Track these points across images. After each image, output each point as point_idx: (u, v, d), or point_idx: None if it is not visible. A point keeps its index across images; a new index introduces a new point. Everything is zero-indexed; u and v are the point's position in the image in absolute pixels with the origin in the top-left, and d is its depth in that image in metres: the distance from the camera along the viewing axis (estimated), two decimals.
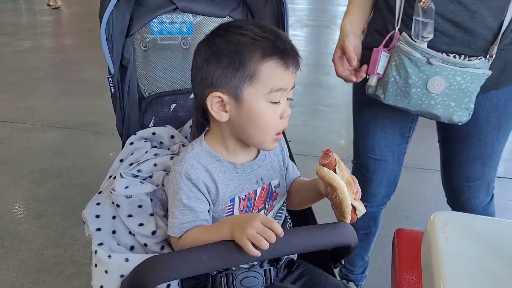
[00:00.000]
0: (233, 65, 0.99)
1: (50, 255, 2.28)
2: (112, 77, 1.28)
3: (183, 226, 1.05)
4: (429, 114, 1.38)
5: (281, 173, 1.20)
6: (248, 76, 0.99)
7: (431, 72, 1.31)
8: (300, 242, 1.02)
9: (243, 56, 0.99)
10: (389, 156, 1.63)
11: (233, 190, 1.09)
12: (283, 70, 1.01)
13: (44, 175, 3.05)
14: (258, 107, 1.02)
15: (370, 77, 1.40)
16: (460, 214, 0.84)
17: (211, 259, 0.96)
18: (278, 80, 1.01)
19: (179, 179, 1.05)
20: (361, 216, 1.08)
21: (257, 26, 1.03)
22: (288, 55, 1.01)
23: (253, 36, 1.00)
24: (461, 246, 0.77)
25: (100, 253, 1.07)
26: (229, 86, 1.01)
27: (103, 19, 1.20)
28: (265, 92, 1.00)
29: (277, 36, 1.02)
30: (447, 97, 1.34)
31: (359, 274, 1.99)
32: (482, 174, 1.56)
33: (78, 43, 6.75)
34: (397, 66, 1.34)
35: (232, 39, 1.01)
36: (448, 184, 1.67)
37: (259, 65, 0.99)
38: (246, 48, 0.99)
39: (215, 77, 1.01)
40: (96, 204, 1.17)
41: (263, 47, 0.99)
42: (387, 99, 1.38)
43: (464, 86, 1.32)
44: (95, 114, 3.97)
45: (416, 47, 1.32)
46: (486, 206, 1.67)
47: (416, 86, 1.33)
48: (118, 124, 1.36)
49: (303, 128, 3.72)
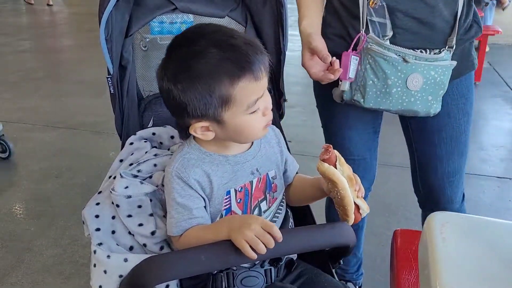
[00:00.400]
0: (205, 98, 0.98)
1: (50, 255, 2.28)
2: (111, 77, 1.29)
3: (180, 224, 1.05)
4: (409, 111, 1.40)
5: (277, 165, 1.20)
6: (223, 103, 0.99)
7: (408, 70, 1.33)
8: (299, 242, 1.02)
9: (211, 88, 0.97)
10: (366, 155, 1.64)
11: (227, 182, 1.10)
12: (254, 83, 0.99)
13: (44, 175, 3.05)
14: (242, 122, 1.02)
15: (342, 83, 1.37)
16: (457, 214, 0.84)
17: (209, 260, 0.96)
18: (252, 95, 1.00)
19: (171, 179, 1.06)
20: (365, 215, 1.08)
21: (214, 45, 0.97)
22: (254, 66, 0.98)
23: (214, 62, 0.97)
24: (458, 246, 0.78)
25: (99, 253, 1.08)
26: (207, 115, 1.00)
27: (102, 20, 1.20)
28: (243, 109, 1.01)
29: (236, 50, 0.98)
30: (425, 92, 1.37)
31: (354, 272, 1.99)
32: (460, 166, 1.58)
33: (78, 43, 6.76)
34: (373, 69, 1.34)
35: (195, 71, 0.97)
36: (425, 186, 1.64)
37: (230, 90, 0.97)
38: (212, 79, 0.97)
39: (190, 110, 0.99)
40: (95, 204, 1.17)
41: (227, 72, 0.97)
42: (367, 102, 1.37)
43: (438, 79, 1.36)
44: (95, 114, 3.97)
45: (388, 47, 1.33)
46: (462, 203, 1.67)
47: (396, 86, 1.34)
48: (117, 124, 1.36)
49: (302, 128, 3.72)
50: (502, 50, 6.34)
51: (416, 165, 1.63)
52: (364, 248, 2.28)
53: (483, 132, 3.94)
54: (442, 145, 1.54)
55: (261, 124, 1.06)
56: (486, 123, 4.08)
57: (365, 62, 1.34)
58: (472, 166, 3.23)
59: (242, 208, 1.12)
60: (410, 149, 1.65)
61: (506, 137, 3.88)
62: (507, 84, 5.02)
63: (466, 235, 0.80)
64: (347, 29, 1.41)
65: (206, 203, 1.09)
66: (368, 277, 2.13)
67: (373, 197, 1.96)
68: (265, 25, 1.42)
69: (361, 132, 1.59)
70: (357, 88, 1.37)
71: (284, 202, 1.23)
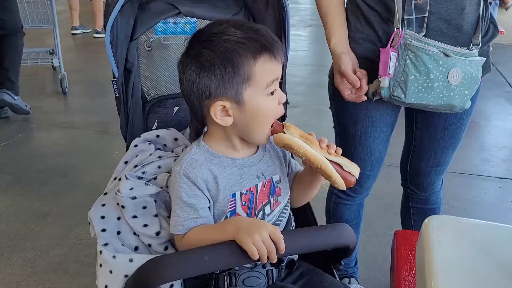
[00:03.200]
0: (228, 74, 1.03)
1: (55, 254, 2.31)
2: (116, 80, 1.31)
3: (185, 223, 1.08)
4: (447, 106, 1.43)
5: (282, 169, 1.22)
6: (245, 80, 1.04)
7: (450, 65, 1.36)
8: (300, 244, 1.05)
9: (234, 62, 1.03)
10: (383, 153, 1.69)
11: (234, 185, 1.12)
12: (274, 63, 1.07)
13: (49, 174, 3.08)
14: (259, 104, 1.07)
15: (382, 79, 1.39)
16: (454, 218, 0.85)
17: (212, 260, 0.98)
18: (271, 74, 1.07)
19: (178, 178, 1.09)
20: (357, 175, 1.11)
21: (236, 27, 1.06)
22: (273, 47, 1.06)
23: (237, 40, 1.04)
24: (455, 250, 0.79)
25: (105, 254, 1.10)
26: (229, 94, 1.05)
27: (108, 25, 1.22)
28: (262, 88, 1.06)
29: (258, 33, 1.07)
30: (463, 87, 1.40)
31: (353, 266, 2.03)
32: (450, 159, 1.69)
33: (82, 42, 6.79)
34: (414, 64, 1.35)
35: (218, 48, 1.04)
36: (413, 169, 1.75)
37: (252, 66, 1.04)
38: (235, 54, 1.03)
39: (213, 89, 1.05)
40: (101, 205, 1.19)
41: (250, 48, 1.04)
42: (409, 97, 1.39)
43: (474, 74, 1.41)
44: (100, 114, 3.99)
45: (428, 42, 1.35)
46: (441, 188, 1.81)
47: (438, 80, 1.37)
48: (122, 126, 1.39)
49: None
50: (505, 50, 6.32)
51: (411, 152, 1.73)
52: (366, 248, 2.30)
53: (485, 132, 3.94)
54: (441, 140, 1.62)
55: (274, 112, 1.10)
56: (488, 123, 4.08)
57: (404, 57, 1.36)
58: (474, 167, 3.24)
59: (247, 211, 1.14)
60: (408, 136, 1.73)
61: (509, 138, 3.88)
62: (509, 85, 5.02)
63: (463, 239, 0.82)
64: (378, 33, 1.44)
65: (210, 204, 1.11)
66: (370, 277, 2.14)
67: (375, 197, 1.99)
68: None
69: (383, 133, 1.62)
70: (397, 84, 1.39)
71: (289, 206, 1.24)
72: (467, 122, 1.62)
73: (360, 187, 1.75)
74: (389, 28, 1.41)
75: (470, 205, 2.79)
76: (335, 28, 1.48)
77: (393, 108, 1.56)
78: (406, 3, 1.35)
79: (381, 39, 1.43)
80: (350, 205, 1.84)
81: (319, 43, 7.04)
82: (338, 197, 1.83)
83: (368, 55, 1.44)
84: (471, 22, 1.41)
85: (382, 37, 1.42)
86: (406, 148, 1.77)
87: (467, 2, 1.38)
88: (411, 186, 1.81)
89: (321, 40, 1.54)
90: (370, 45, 1.45)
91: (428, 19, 1.37)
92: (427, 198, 1.80)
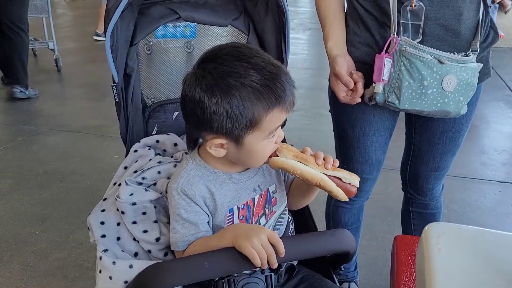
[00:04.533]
0: (235, 117, 0.99)
1: (54, 258, 2.30)
2: (116, 85, 1.31)
3: (186, 239, 1.08)
4: (441, 112, 1.44)
5: (278, 178, 1.22)
6: (250, 126, 1.01)
7: (444, 71, 1.37)
8: (299, 250, 1.04)
9: (245, 110, 0.98)
10: (381, 157, 1.69)
11: (231, 200, 1.11)
12: (283, 113, 1.04)
13: (48, 178, 3.07)
14: (258, 147, 1.05)
15: (376, 85, 1.40)
16: (454, 225, 0.85)
17: (212, 266, 0.98)
18: (277, 122, 1.04)
19: (176, 195, 1.08)
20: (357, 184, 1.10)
21: (254, 67, 0.99)
22: (287, 98, 1.02)
23: (252, 85, 0.98)
24: (454, 257, 0.79)
25: (104, 259, 1.10)
26: (231, 134, 1.01)
27: (108, 30, 1.22)
28: (265, 135, 1.04)
29: (274, 78, 1.00)
30: (458, 93, 1.41)
31: (353, 270, 2.02)
32: (449, 164, 1.69)
33: (82, 46, 6.79)
34: (409, 70, 1.36)
35: (231, 90, 0.98)
36: (413, 174, 1.76)
37: (262, 116, 1.00)
38: (248, 101, 0.98)
39: (216, 125, 1.00)
40: (101, 210, 1.19)
41: (265, 99, 0.99)
42: (403, 103, 1.39)
43: (469, 80, 1.41)
44: (99, 118, 4.00)
45: (423, 49, 1.36)
46: (441, 192, 1.81)
47: (432, 87, 1.37)
48: (122, 131, 1.39)
49: (305, 132, 3.74)
50: (504, 54, 6.34)
51: (410, 156, 1.73)
52: (366, 252, 2.30)
53: (484, 136, 3.94)
54: (440, 145, 1.63)
55: (270, 151, 1.08)
56: (488, 127, 4.08)
57: (399, 64, 1.36)
58: (473, 170, 3.24)
59: None
60: (408, 140, 1.74)
61: (508, 141, 3.89)
62: (509, 88, 5.03)
63: (462, 246, 0.82)
64: (375, 37, 1.44)
65: (209, 218, 1.11)
66: (370, 282, 2.14)
67: (375, 201, 1.99)
68: (267, 34, 1.44)
69: (381, 137, 1.63)
70: (391, 90, 1.39)
71: (286, 212, 1.24)
72: (466, 127, 1.62)
73: (359, 190, 1.73)
74: (386, 33, 1.41)
75: (469, 209, 2.79)
76: (332, 31, 1.49)
77: (391, 112, 1.57)
78: (402, 8, 1.35)
79: (378, 43, 1.43)
80: (350, 209, 1.84)
81: (319, 47, 7.05)
82: (338, 201, 1.83)
83: (365, 59, 1.45)
84: (469, 27, 1.41)
85: (379, 41, 1.43)
86: (406, 152, 1.78)
87: (465, 7, 1.38)
88: (410, 191, 1.81)
89: (320, 43, 1.54)
90: (368, 49, 1.45)
91: (425, 24, 1.37)
92: (427, 203, 1.80)
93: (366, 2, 1.44)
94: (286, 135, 1.45)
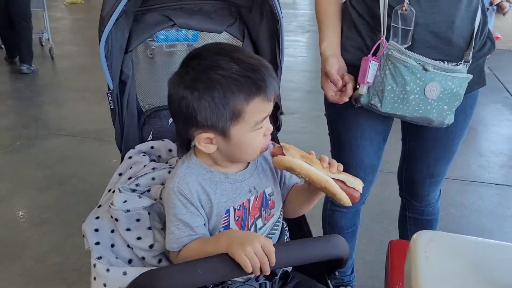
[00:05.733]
0: (218, 109, 1.01)
1: (53, 263, 2.31)
2: (111, 92, 1.32)
3: (181, 240, 1.08)
4: (424, 119, 1.44)
5: (274, 181, 1.22)
6: (234, 118, 1.02)
7: (427, 78, 1.37)
8: (293, 257, 1.05)
9: (227, 100, 1.01)
10: (376, 161, 1.69)
11: (227, 201, 1.12)
12: (266, 103, 1.05)
13: (47, 182, 3.08)
14: (246, 139, 1.06)
15: (360, 86, 1.42)
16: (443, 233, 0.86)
17: (206, 273, 0.99)
18: (262, 113, 1.06)
19: (172, 195, 1.08)
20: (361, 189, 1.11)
21: (234, 61, 1.03)
22: (268, 88, 1.04)
23: (233, 76, 1.01)
24: (442, 266, 0.79)
25: (99, 267, 1.11)
26: (216, 127, 1.03)
27: (102, 38, 1.23)
28: (251, 126, 1.05)
29: (254, 69, 1.03)
30: (441, 102, 1.41)
31: (350, 274, 2.03)
32: (444, 170, 1.69)
33: (81, 50, 6.80)
34: (393, 74, 1.37)
35: (214, 81, 1.01)
36: (408, 180, 1.77)
37: (243, 106, 1.02)
38: (229, 92, 1.00)
39: (201, 119, 1.02)
40: (95, 218, 1.20)
41: (245, 88, 1.01)
42: (385, 107, 1.41)
43: (455, 90, 1.40)
44: (98, 122, 3.99)
45: (409, 54, 1.36)
46: (438, 199, 1.81)
47: (414, 93, 1.38)
48: (117, 138, 1.40)
49: (302, 135, 3.74)
50: (502, 56, 6.33)
51: (405, 161, 1.75)
52: (363, 256, 2.30)
53: (482, 138, 3.95)
54: (433, 152, 1.63)
55: (260, 144, 1.09)
56: (485, 129, 4.09)
57: (385, 67, 1.38)
58: (471, 173, 3.25)
59: (240, 226, 1.15)
60: (404, 145, 1.75)
61: (506, 144, 3.89)
62: (507, 90, 5.03)
63: (450, 254, 0.82)
64: (366, 41, 1.45)
65: (205, 220, 1.11)
66: (367, 286, 2.14)
67: (372, 205, 1.99)
68: (262, 40, 1.45)
69: (374, 142, 1.64)
70: (375, 93, 1.41)
71: (281, 219, 1.24)
72: (461, 136, 1.61)
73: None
74: (376, 37, 1.42)
75: (467, 212, 2.79)
76: (328, 33, 1.51)
77: (384, 117, 1.57)
78: (393, 12, 1.36)
79: (369, 47, 1.44)
80: (346, 213, 1.85)
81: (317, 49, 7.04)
82: (334, 205, 1.84)
83: (356, 62, 1.45)
84: (463, 36, 1.40)
85: (370, 45, 1.43)
86: (402, 157, 1.78)
87: (458, 15, 1.37)
88: (407, 196, 1.82)
89: (318, 46, 1.56)
90: (359, 53, 1.46)
91: (415, 30, 1.37)
92: (423, 209, 1.80)
93: (360, 6, 1.45)
94: (284, 138, 1.46)
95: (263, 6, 1.39)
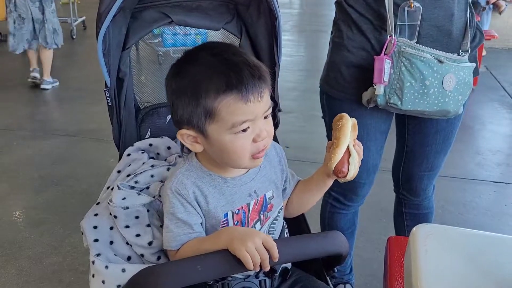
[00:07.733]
0: (191, 104, 0.99)
1: (50, 263, 2.30)
2: (108, 90, 1.31)
3: (180, 238, 1.07)
4: (441, 112, 1.45)
5: (276, 184, 1.21)
6: (207, 114, 0.98)
7: (444, 71, 1.38)
8: (292, 252, 1.04)
9: (197, 96, 0.98)
10: (378, 160, 1.70)
11: (225, 205, 1.11)
12: (242, 104, 0.97)
13: (43, 182, 3.07)
14: (224, 142, 1.01)
15: (376, 87, 1.40)
16: (441, 226, 0.86)
17: (205, 269, 0.98)
18: (240, 115, 0.98)
19: (170, 194, 1.08)
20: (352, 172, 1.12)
21: (212, 54, 1.00)
22: (244, 87, 0.96)
23: (205, 70, 0.98)
24: (441, 259, 0.79)
25: (97, 264, 1.10)
26: (193, 124, 1.02)
27: (100, 34, 1.22)
28: (227, 127, 0.99)
29: (231, 67, 0.97)
30: (457, 92, 1.43)
31: (349, 273, 2.03)
32: (442, 163, 1.71)
33: (78, 50, 6.79)
34: (409, 70, 1.37)
35: (187, 75, 1.00)
36: (406, 175, 1.77)
37: (215, 103, 0.97)
38: (199, 87, 0.97)
39: (180, 115, 1.02)
40: (94, 215, 1.19)
41: (214, 85, 0.96)
42: (405, 104, 1.40)
43: (466, 79, 1.43)
44: (95, 122, 3.99)
45: (422, 49, 1.37)
46: (432, 192, 1.82)
47: (433, 86, 1.39)
48: (115, 135, 1.39)
49: (300, 134, 3.74)
50: (499, 54, 6.36)
51: (403, 157, 1.74)
52: (361, 254, 2.30)
53: (479, 136, 3.96)
54: (433, 145, 1.64)
55: (248, 150, 1.02)
56: (482, 128, 4.10)
57: (399, 65, 1.37)
58: (468, 171, 3.26)
59: None
60: (399, 142, 1.75)
61: (503, 142, 3.91)
62: (503, 89, 5.05)
63: (449, 247, 0.82)
64: (370, 41, 1.45)
65: (202, 220, 1.10)
66: (366, 283, 2.14)
67: (370, 203, 1.99)
68: (259, 38, 1.44)
69: (378, 141, 1.64)
70: (393, 91, 1.40)
71: (280, 216, 1.23)
72: (457, 126, 1.64)
73: (356, 195, 1.76)
74: (381, 36, 1.42)
75: (464, 210, 2.80)
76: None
77: (387, 115, 1.58)
78: (399, 10, 1.36)
79: (374, 47, 1.44)
80: (345, 214, 1.84)
81: (313, 48, 7.06)
82: (333, 206, 1.83)
83: (362, 63, 1.45)
84: (459, 27, 1.44)
85: (375, 45, 1.43)
86: (398, 154, 1.78)
87: (455, 7, 1.41)
88: (403, 192, 1.81)
89: (315, 45, 1.56)
90: (364, 53, 1.46)
91: (420, 26, 1.38)
92: (420, 204, 1.81)
93: (360, 6, 1.45)
94: (282, 137, 1.45)
95: (261, 3, 1.38)
